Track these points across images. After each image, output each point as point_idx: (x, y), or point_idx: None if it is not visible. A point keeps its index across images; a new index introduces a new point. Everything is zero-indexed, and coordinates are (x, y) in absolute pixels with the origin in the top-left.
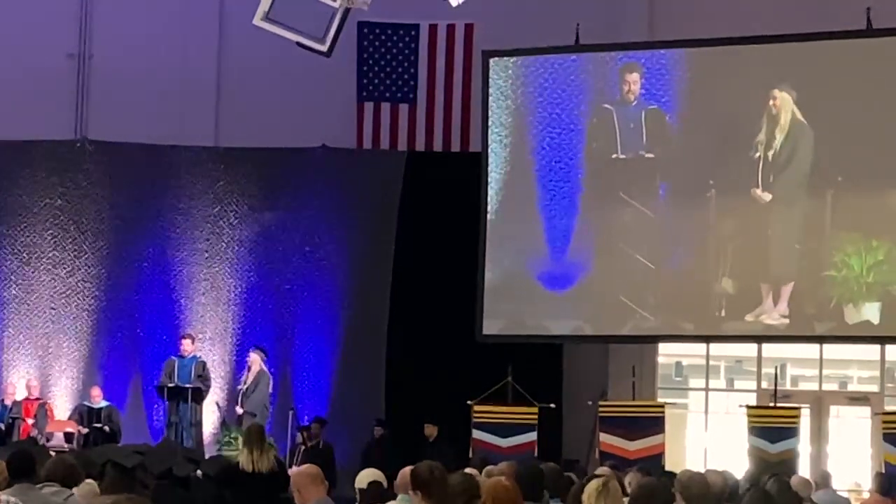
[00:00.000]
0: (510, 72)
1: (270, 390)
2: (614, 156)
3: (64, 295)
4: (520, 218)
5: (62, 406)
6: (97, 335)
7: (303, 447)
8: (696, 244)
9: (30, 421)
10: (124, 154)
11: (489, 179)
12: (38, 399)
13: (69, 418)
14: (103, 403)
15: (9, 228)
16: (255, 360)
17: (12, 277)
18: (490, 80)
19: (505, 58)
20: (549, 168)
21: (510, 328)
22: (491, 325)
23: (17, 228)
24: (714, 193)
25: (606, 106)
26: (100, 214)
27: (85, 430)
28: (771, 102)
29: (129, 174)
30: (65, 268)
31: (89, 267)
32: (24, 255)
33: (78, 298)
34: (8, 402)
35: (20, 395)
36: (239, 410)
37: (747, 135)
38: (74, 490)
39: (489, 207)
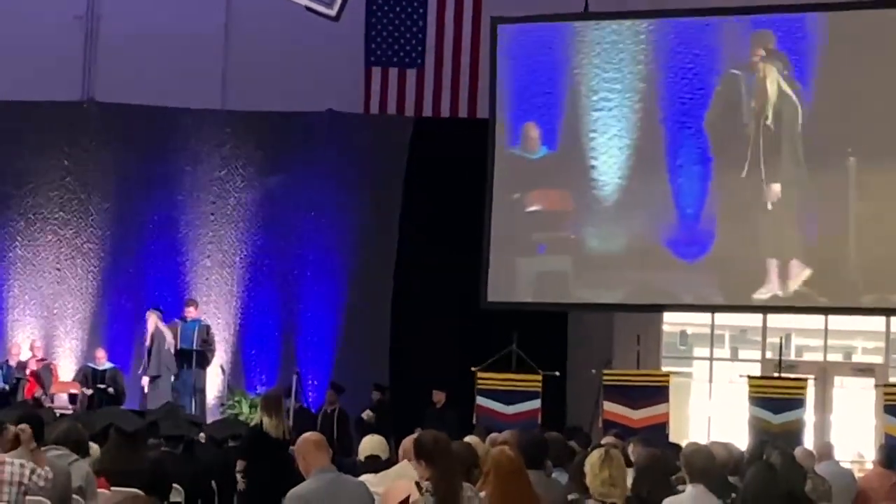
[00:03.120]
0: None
1: (168, 348)
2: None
3: (69, 256)
4: None
5: (66, 367)
6: (102, 297)
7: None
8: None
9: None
10: (131, 116)
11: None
12: (42, 360)
13: (73, 379)
14: (107, 365)
15: (15, 189)
16: (150, 319)
17: (18, 238)
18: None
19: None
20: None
21: (513, 296)
22: (495, 293)
23: (24, 189)
24: (854, 162)
25: (735, 72)
26: (106, 176)
27: (89, 392)
28: None
29: (135, 136)
30: (70, 229)
31: (95, 228)
32: (30, 215)
33: (83, 260)
34: (12, 363)
35: (24, 355)
36: (145, 381)
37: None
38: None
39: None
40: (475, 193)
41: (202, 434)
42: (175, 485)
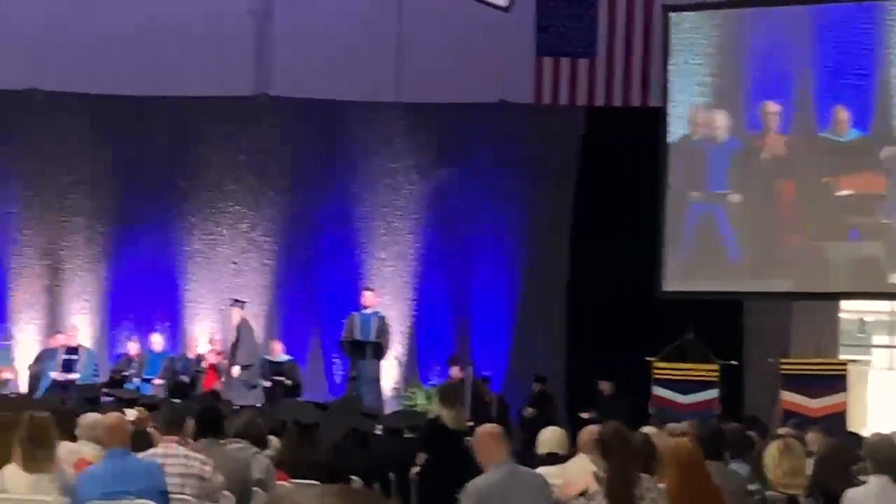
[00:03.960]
0: None
1: (257, 339)
2: None
3: (245, 250)
4: None
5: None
6: (278, 289)
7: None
8: None
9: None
10: (305, 110)
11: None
12: (220, 353)
13: None
14: (284, 357)
15: (192, 183)
16: (234, 314)
17: (195, 232)
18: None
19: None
20: None
21: (691, 285)
22: (672, 282)
23: (200, 183)
24: None
25: None
26: (280, 170)
27: (267, 384)
28: None
29: (309, 130)
30: (246, 222)
31: (269, 222)
32: (207, 210)
33: (259, 253)
34: (191, 356)
35: (203, 348)
36: (235, 370)
37: None
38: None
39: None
40: (649, 182)
41: (379, 425)
42: (353, 476)
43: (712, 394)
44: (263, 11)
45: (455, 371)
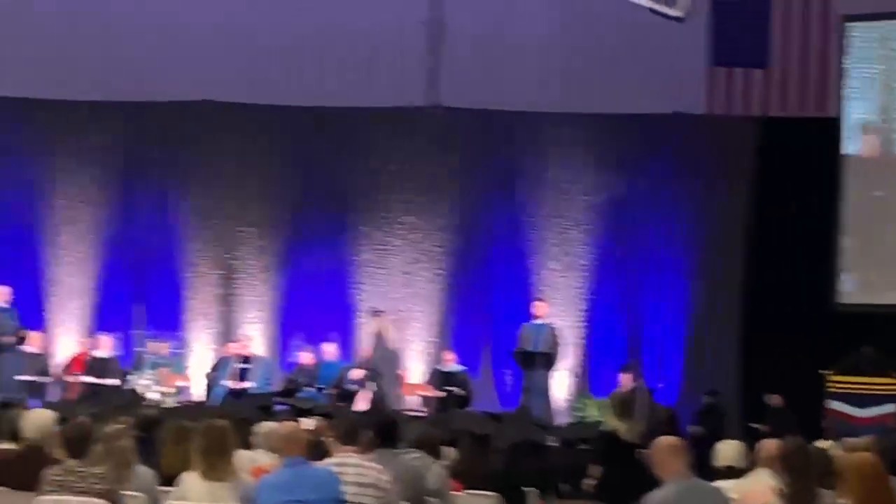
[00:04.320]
0: None
1: (393, 347)
2: None
3: (416, 260)
4: None
5: (415, 369)
6: (449, 300)
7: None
8: None
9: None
10: (476, 120)
11: None
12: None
13: (423, 382)
14: (456, 368)
15: (364, 193)
16: (372, 322)
17: (366, 242)
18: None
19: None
20: None
21: (868, 297)
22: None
23: (372, 194)
24: None
25: None
26: (452, 180)
27: (438, 395)
28: None
29: (480, 140)
30: (417, 233)
31: (441, 232)
32: (377, 219)
33: (430, 263)
34: None
35: None
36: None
37: None
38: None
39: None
40: (826, 193)
41: (551, 437)
42: (526, 487)
43: (890, 408)
44: (436, 21)
45: (626, 379)
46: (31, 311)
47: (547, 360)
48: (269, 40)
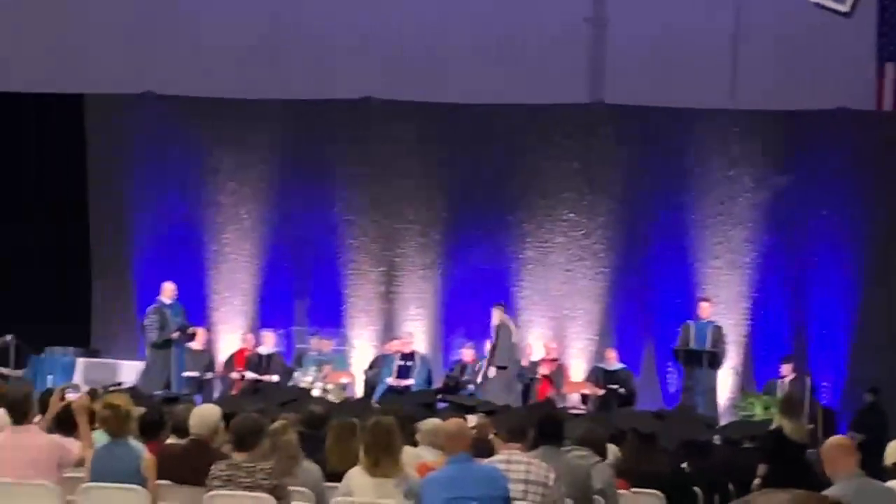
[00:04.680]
0: None
1: (515, 340)
2: None
3: (579, 257)
4: None
5: (577, 367)
6: (611, 297)
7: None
8: None
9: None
10: (640, 117)
11: None
12: (555, 360)
13: (584, 380)
14: (618, 366)
15: (525, 191)
16: (495, 314)
17: (528, 240)
18: None
19: None
20: None
21: None
22: None
23: (533, 191)
24: None
25: None
26: (615, 178)
27: (600, 392)
28: None
29: (643, 137)
30: (580, 230)
31: (604, 229)
32: (540, 217)
33: (592, 261)
34: (525, 363)
35: (537, 355)
36: (492, 371)
37: None
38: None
39: None
40: None
41: (716, 436)
42: (693, 486)
43: None
44: (598, 19)
45: (786, 369)
46: (194, 309)
47: (712, 359)
48: (431, 39)
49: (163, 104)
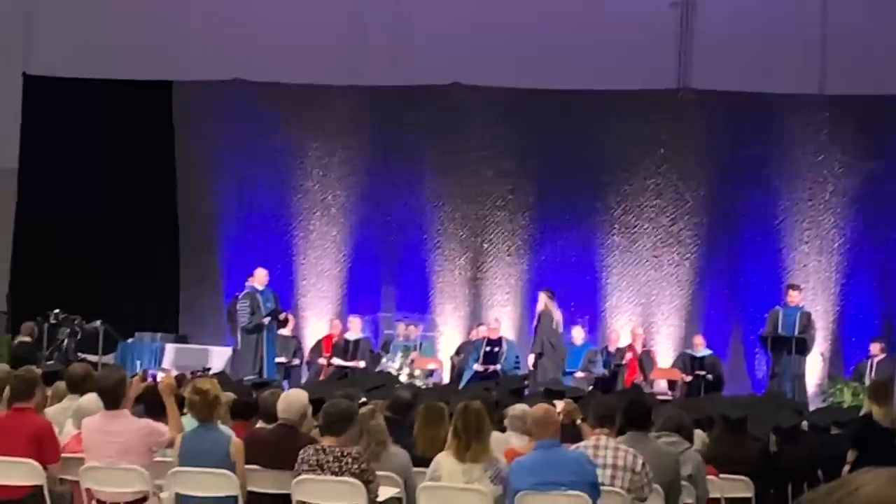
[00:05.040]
0: None
1: (556, 327)
2: None
3: (666, 243)
4: None
5: (665, 353)
6: (698, 283)
7: None
8: None
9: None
10: (727, 103)
11: None
12: (643, 347)
13: (672, 366)
14: (706, 352)
15: (612, 177)
16: (540, 299)
17: (615, 225)
18: None
19: None
20: None
21: None
22: None
23: (620, 177)
24: None
25: None
26: (701, 163)
27: (688, 379)
28: None
29: (730, 123)
30: (666, 216)
31: (690, 215)
32: (627, 203)
33: (679, 247)
34: (612, 349)
35: (624, 342)
36: (530, 358)
37: None
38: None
39: None
40: None
41: (805, 422)
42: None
43: None
44: (686, 4)
45: (876, 349)
46: (283, 295)
47: (800, 345)
48: (518, 26)
49: (250, 91)
